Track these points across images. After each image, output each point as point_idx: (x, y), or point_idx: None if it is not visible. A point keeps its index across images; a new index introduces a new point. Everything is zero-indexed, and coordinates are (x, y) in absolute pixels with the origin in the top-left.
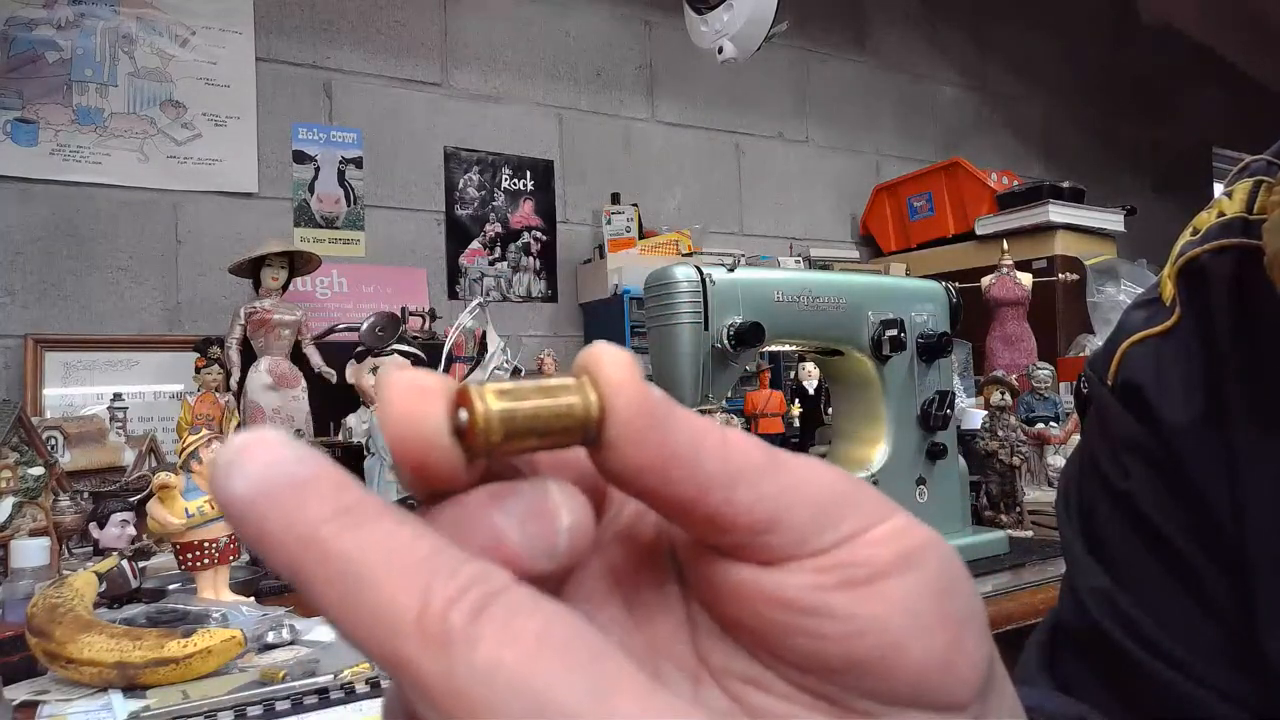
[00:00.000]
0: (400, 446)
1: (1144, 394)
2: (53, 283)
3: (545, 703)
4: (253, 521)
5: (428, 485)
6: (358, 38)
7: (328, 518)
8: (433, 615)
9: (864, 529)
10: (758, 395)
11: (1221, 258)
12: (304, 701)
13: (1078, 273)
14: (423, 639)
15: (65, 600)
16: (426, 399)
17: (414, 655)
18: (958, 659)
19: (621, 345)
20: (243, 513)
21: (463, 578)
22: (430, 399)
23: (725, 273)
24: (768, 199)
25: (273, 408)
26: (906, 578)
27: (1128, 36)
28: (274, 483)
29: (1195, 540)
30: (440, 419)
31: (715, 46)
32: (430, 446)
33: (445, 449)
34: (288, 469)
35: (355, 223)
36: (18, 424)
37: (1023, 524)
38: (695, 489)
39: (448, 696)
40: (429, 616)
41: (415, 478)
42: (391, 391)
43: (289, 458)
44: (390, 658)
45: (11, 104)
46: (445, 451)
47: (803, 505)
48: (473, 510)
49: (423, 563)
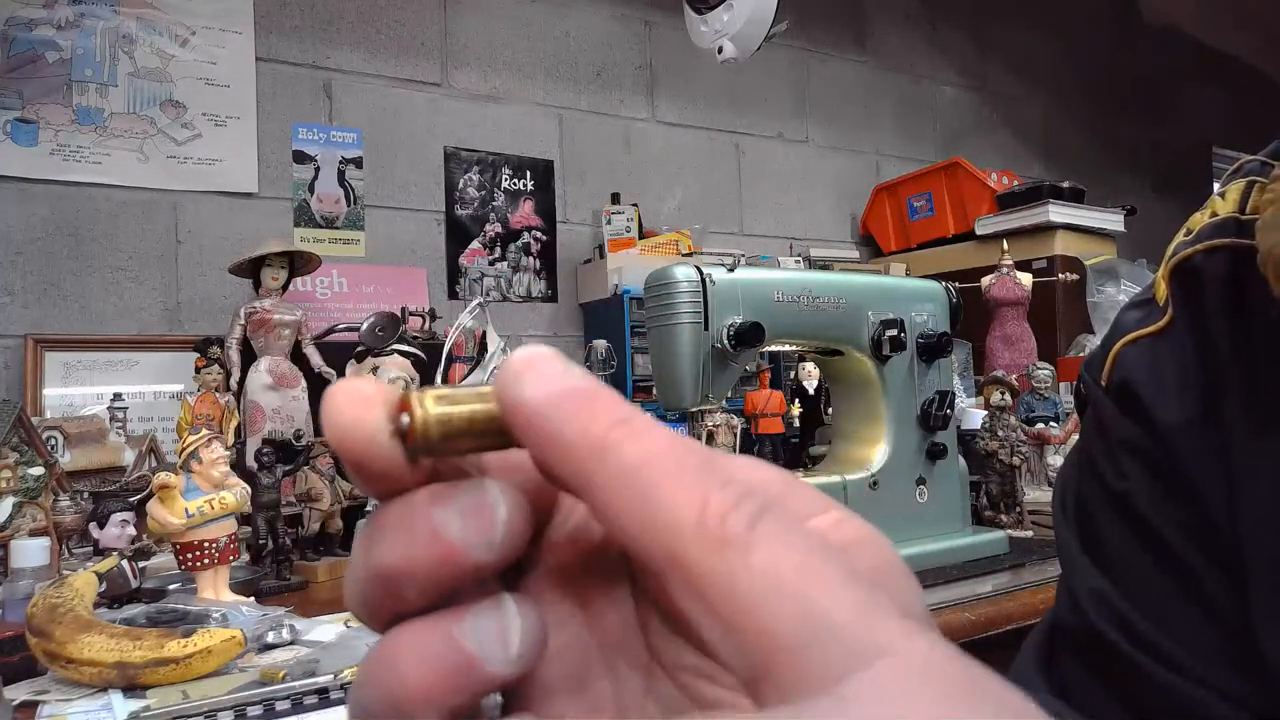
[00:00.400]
0: (340, 447)
1: (1138, 394)
2: (53, 283)
3: (815, 611)
4: (548, 425)
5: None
6: (358, 38)
7: (615, 425)
8: (712, 518)
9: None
10: (758, 395)
11: (1215, 257)
12: (304, 701)
13: (1078, 273)
14: (703, 540)
15: (65, 600)
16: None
17: (693, 554)
18: None
19: (620, 346)
20: (537, 417)
21: (735, 488)
22: (369, 405)
23: (725, 273)
24: (768, 199)
25: (273, 408)
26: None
27: (1128, 36)
28: (565, 391)
29: (1192, 540)
30: (378, 421)
31: (715, 46)
32: (368, 446)
33: (383, 448)
34: (574, 381)
35: (355, 223)
36: (18, 424)
37: (1023, 524)
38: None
39: (725, 593)
40: (709, 519)
41: (359, 475)
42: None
43: (573, 372)
44: (670, 555)
45: (11, 104)
46: (384, 450)
47: None
48: (417, 506)
49: (699, 472)
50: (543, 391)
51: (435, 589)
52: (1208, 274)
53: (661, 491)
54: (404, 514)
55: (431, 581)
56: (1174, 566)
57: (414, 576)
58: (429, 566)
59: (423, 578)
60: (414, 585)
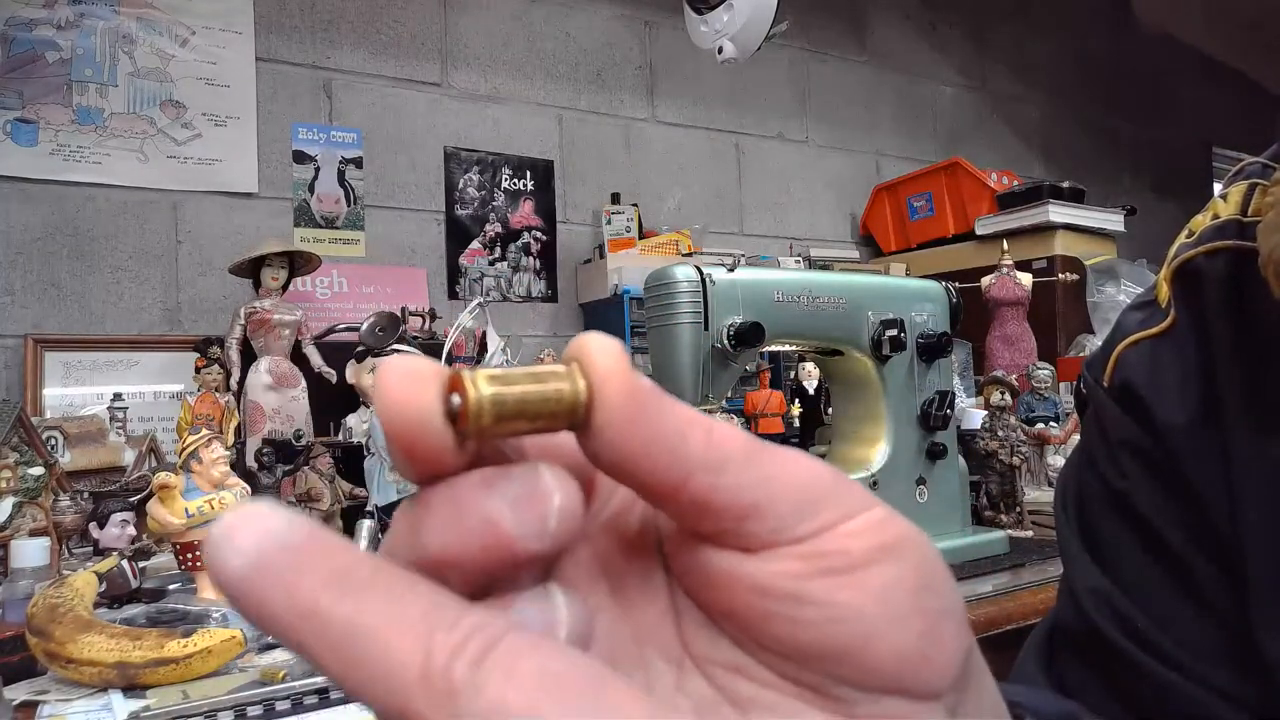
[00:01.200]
0: (394, 429)
1: (1140, 395)
2: (53, 283)
3: None
4: (254, 599)
5: (420, 467)
6: (358, 38)
7: (325, 585)
8: (436, 668)
9: (843, 519)
10: (758, 395)
11: (1216, 260)
12: (304, 701)
13: (1078, 273)
14: (428, 693)
15: (65, 600)
16: (420, 383)
17: (422, 709)
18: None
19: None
20: (242, 591)
21: (463, 628)
22: (424, 383)
23: (725, 273)
24: (768, 199)
25: (273, 408)
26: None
27: (1128, 36)
28: (268, 553)
29: (1192, 540)
30: (433, 402)
31: (715, 46)
32: (423, 428)
33: (437, 431)
34: (280, 538)
35: (355, 223)
36: (18, 424)
37: (1023, 524)
38: (679, 474)
39: None
40: (433, 670)
41: (408, 460)
42: (387, 377)
43: (279, 528)
44: (398, 715)
45: (11, 104)
46: (437, 433)
47: (784, 493)
48: (466, 493)
49: (422, 618)
50: (244, 559)
51: (483, 579)
52: (1209, 276)
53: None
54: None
55: (480, 572)
56: (1174, 566)
57: (463, 566)
58: (479, 557)
59: (472, 568)
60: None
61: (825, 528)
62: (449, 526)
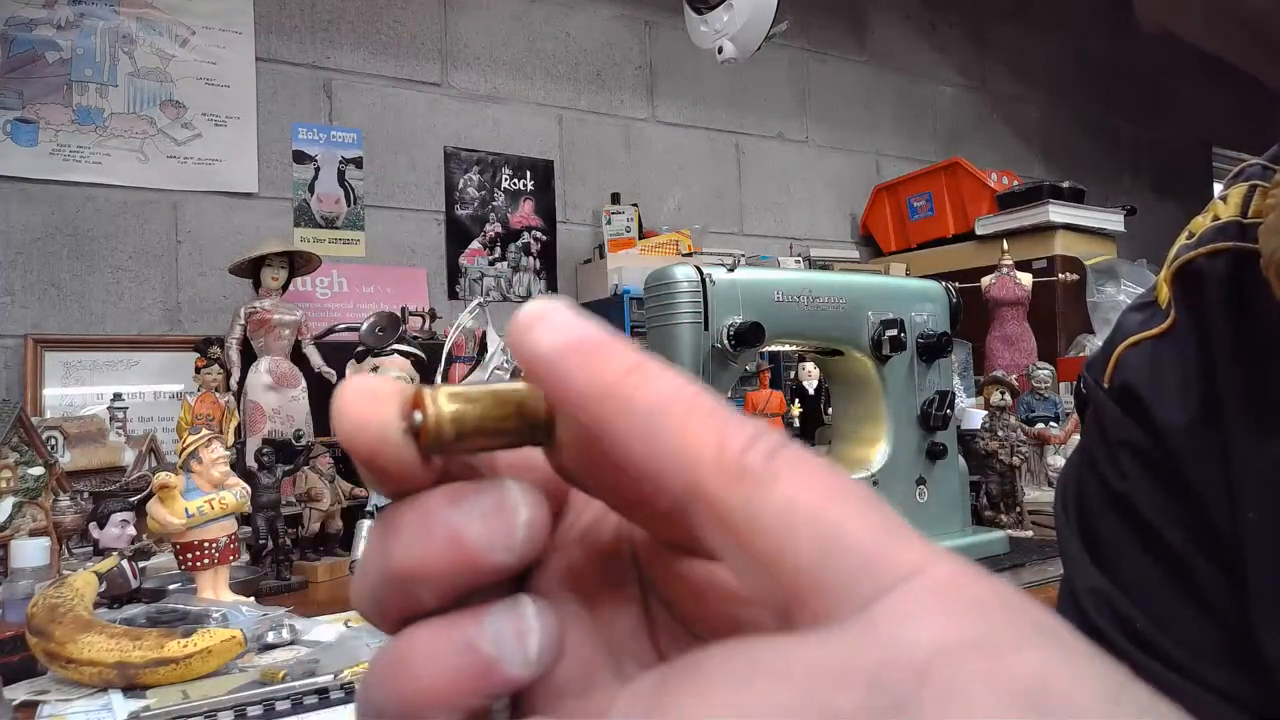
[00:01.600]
0: (353, 445)
1: (1140, 396)
2: (53, 283)
3: (839, 536)
4: (559, 375)
5: (385, 482)
6: (358, 38)
7: (628, 371)
8: (731, 453)
9: None
10: (758, 395)
11: (1216, 261)
12: (304, 701)
13: (1078, 273)
14: (722, 474)
15: (65, 600)
16: (377, 401)
17: (714, 488)
18: None
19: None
20: (550, 367)
21: (752, 427)
22: (381, 401)
23: (725, 273)
24: (768, 199)
25: (273, 408)
26: None
27: (1128, 36)
28: (576, 340)
29: (1192, 541)
30: (391, 419)
31: (715, 46)
32: (381, 445)
33: (395, 446)
34: (584, 330)
35: (355, 223)
36: (18, 424)
37: (1023, 524)
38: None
39: (747, 525)
40: (728, 455)
41: (369, 473)
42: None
43: (583, 322)
44: (690, 489)
45: (11, 104)
46: (396, 448)
47: None
48: (433, 508)
49: (714, 412)
50: (552, 342)
51: (452, 591)
52: (1210, 277)
53: (678, 430)
54: (420, 514)
55: (448, 584)
56: (1174, 567)
57: (430, 579)
58: (447, 569)
59: (440, 580)
60: (430, 588)
61: None
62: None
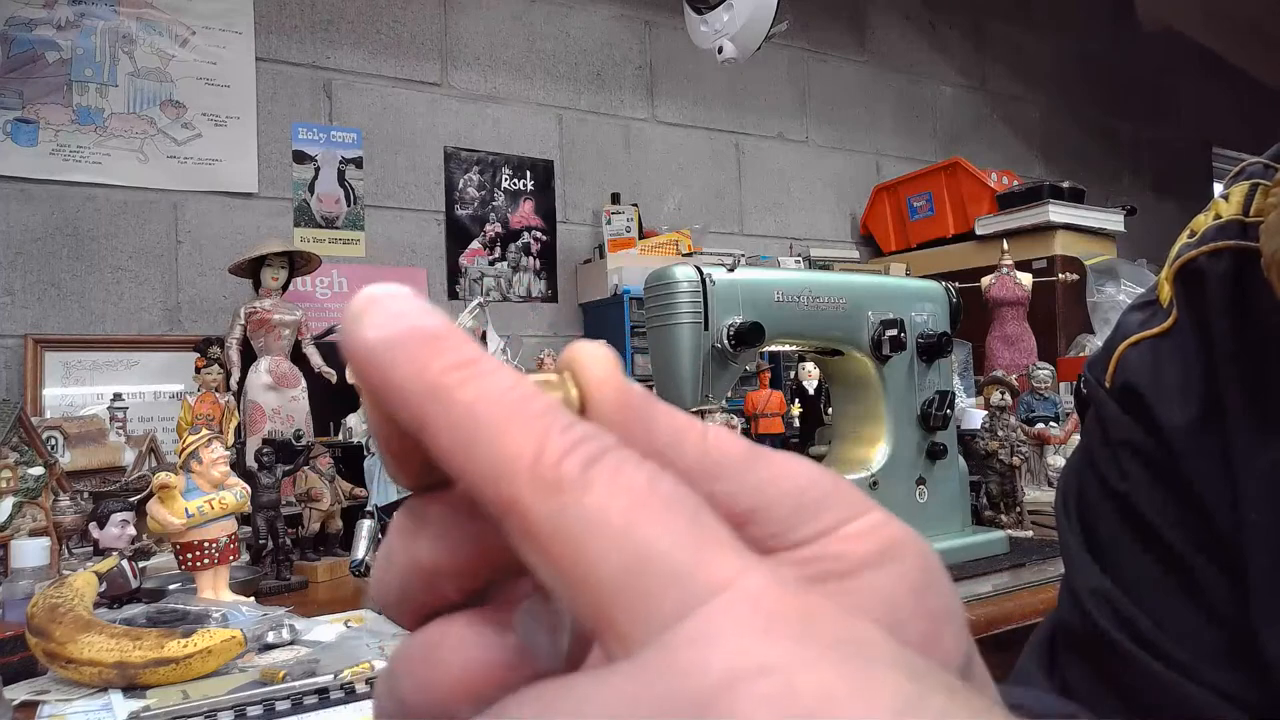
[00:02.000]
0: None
1: (1141, 395)
2: (53, 283)
3: (646, 552)
4: (382, 368)
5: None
6: (358, 38)
7: (452, 368)
8: (547, 462)
9: (842, 523)
10: (758, 395)
11: (1218, 260)
12: (304, 701)
13: (1078, 273)
14: (535, 483)
15: (65, 600)
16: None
17: (526, 498)
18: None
19: (620, 346)
20: (372, 359)
21: (576, 432)
22: None
23: (725, 273)
24: (768, 199)
25: (273, 408)
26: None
27: (1128, 36)
28: (404, 332)
29: (1193, 541)
30: None
31: (715, 46)
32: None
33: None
34: (416, 320)
35: (355, 223)
36: (18, 424)
37: (1023, 524)
38: None
39: (554, 538)
40: (544, 463)
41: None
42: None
43: (417, 310)
44: (503, 500)
45: (11, 104)
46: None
47: (782, 498)
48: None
49: (539, 415)
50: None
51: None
52: (1211, 276)
53: (497, 436)
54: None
55: (478, 578)
56: (1175, 566)
57: (457, 573)
58: (473, 564)
59: (466, 575)
60: (456, 581)
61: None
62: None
